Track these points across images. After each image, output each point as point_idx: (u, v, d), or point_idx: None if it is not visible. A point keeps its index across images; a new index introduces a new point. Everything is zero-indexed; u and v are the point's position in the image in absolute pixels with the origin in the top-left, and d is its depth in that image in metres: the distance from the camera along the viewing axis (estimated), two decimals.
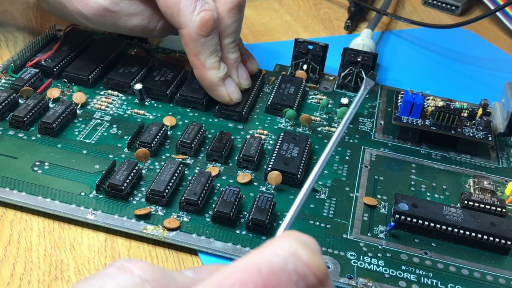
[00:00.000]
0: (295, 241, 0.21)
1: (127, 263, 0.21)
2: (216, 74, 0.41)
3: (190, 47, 0.41)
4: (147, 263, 0.21)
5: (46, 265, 0.32)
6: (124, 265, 0.21)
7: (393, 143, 0.44)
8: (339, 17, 0.62)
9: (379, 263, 0.34)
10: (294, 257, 0.20)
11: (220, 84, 0.42)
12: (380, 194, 0.38)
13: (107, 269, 0.21)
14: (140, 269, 0.21)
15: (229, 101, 0.43)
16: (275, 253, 0.20)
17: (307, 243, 0.21)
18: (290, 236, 0.22)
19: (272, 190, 0.38)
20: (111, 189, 0.35)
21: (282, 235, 0.22)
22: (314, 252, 0.21)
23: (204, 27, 0.39)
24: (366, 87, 0.34)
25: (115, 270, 0.21)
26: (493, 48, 0.60)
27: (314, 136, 0.43)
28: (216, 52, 0.41)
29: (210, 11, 0.40)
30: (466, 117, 0.44)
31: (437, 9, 0.66)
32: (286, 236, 0.22)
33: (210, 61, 0.41)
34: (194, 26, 0.39)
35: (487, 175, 0.41)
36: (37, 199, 0.35)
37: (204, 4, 0.40)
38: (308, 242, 0.22)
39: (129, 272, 0.20)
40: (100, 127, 0.41)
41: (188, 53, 0.41)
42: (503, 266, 0.34)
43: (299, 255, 0.20)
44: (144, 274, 0.20)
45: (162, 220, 0.34)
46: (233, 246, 0.33)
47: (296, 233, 0.22)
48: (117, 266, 0.21)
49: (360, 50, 0.49)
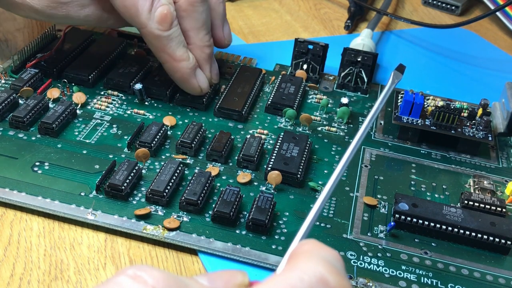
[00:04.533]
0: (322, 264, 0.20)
1: (140, 271, 0.20)
2: (187, 65, 0.42)
3: (155, 44, 0.41)
4: (159, 270, 0.20)
5: (46, 265, 0.32)
6: (137, 274, 0.20)
7: (393, 143, 0.44)
8: (339, 17, 0.62)
9: (379, 263, 0.33)
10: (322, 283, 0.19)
11: (191, 75, 0.42)
12: (380, 194, 0.38)
13: (118, 277, 0.20)
14: (153, 279, 0.19)
15: (200, 92, 0.43)
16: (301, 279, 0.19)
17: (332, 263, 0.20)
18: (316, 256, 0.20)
19: (272, 190, 0.38)
20: (111, 189, 0.35)
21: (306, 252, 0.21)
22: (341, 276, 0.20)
23: (163, 21, 0.40)
24: (394, 81, 0.31)
25: (127, 279, 0.20)
26: (493, 48, 0.60)
27: (314, 135, 0.43)
28: (182, 43, 0.41)
29: (166, 5, 0.40)
30: (466, 117, 0.44)
31: (437, 9, 0.66)
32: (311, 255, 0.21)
33: (178, 52, 0.41)
34: (154, 23, 0.40)
35: (487, 175, 0.41)
36: (37, 199, 0.35)
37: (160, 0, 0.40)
38: (333, 260, 0.21)
39: (142, 282, 0.19)
40: (100, 127, 0.41)
41: (155, 51, 0.41)
42: (503, 266, 0.34)
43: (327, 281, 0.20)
44: (158, 284, 0.19)
45: (162, 220, 0.34)
46: (233, 246, 0.33)
47: (320, 248, 0.21)
48: (129, 275, 0.20)
49: (360, 50, 0.49)
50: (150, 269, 0.20)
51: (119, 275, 0.20)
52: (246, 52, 0.53)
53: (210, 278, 0.21)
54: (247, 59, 0.51)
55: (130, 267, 0.20)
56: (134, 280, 0.19)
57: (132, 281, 0.19)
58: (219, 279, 0.21)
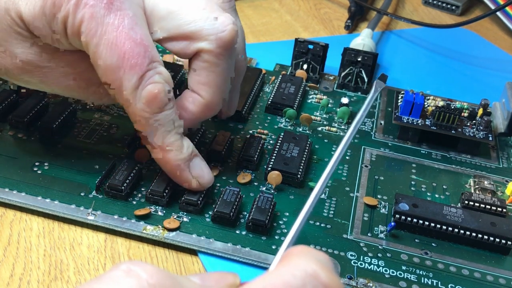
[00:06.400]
0: (313, 261, 0.20)
1: (134, 266, 0.20)
2: (178, 156, 0.33)
3: (140, 127, 0.32)
4: (153, 266, 0.20)
5: (46, 265, 0.32)
6: (131, 268, 0.20)
7: (394, 143, 0.44)
8: (339, 17, 0.62)
9: (379, 263, 0.33)
10: (313, 278, 0.20)
11: (184, 169, 0.34)
12: (380, 194, 0.38)
13: (112, 272, 0.20)
14: (147, 273, 0.20)
15: (197, 186, 0.34)
16: (293, 275, 0.20)
17: (323, 262, 0.21)
18: (307, 255, 0.21)
19: (272, 190, 0.38)
20: (111, 189, 0.35)
21: (297, 252, 0.21)
22: (332, 273, 0.20)
23: (152, 103, 0.31)
24: (376, 89, 0.32)
25: (121, 273, 0.20)
26: (494, 48, 0.60)
27: (314, 136, 0.43)
28: (175, 129, 0.33)
29: (158, 83, 0.31)
30: (466, 117, 0.44)
31: (437, 9, 0.66)
32: (302, 254, 0.21)
33: (167, 140, 0.33)
34: (140, 103, 0.31)
35: (488, 175, 0.41)
36: (36, 199, 0.35)
37: (154, 75, 0.31)
38: (323, 260, 0.21)
39: (135, 276, 0.20)
40: (100, 127, 0.41)
41: (139, 134, 0.33)
42: (504, 266, 0.34)
43: (318, 276, 0.20)
44: (152, 279, 0.19)
45: (162, 220, 0.34)
46: (233, 246, 0.33)
47: (311, 250, 0.22)
48: (123, 269, 0.20)
49: (360, 50, 0.49)
50: (144, 264, 0.20)
51: (113, 270, 0.20)
52: (246, 52, 0.52)
53: (201, 277, 0.22)
54: (247, 59, 0.51)
55: (123, 262, 0.20)
56: (127, 275, 0.20)
57: (125, 275, 0.20)
58: (210, 279, 0.22)
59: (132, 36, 0.30)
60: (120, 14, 0.30)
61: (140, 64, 0.30)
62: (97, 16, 0.30)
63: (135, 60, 0.30)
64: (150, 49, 0.31)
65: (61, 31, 0.31)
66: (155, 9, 0.33)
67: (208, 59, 0.33)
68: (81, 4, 0.30)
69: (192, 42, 0.33)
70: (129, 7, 0.31)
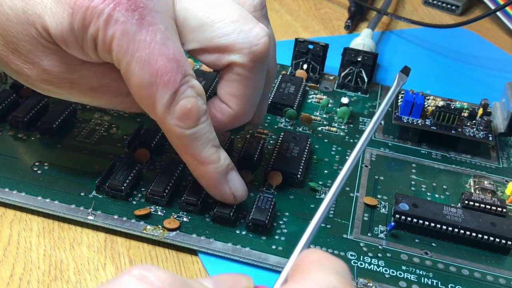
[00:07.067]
0: (333, 275, 0.20)
1: (146, 272, 0.19)
2: (216, 169, 0.33)
3: (175, 143, 0.32)
4: (166, 272, 0.19)
5: (46, 265, 0.32)
6: (143, 274, 0.19)
7: (394, 143, 0.44)
8: (339, 17, 0.62)
9: (379, 263, 0.33)
10: None
11: (222, 181, 0.33)
12: (380, 194, 0.38)
13: (124, 277, 0.19)
14: (160, 280, 0.19)
15: (233, 201, 0.34)
16: None
17: (342, 274, 0.20)
18: (325, 266, 0.20)
19: (272, 190, 0.38)
20: (110, 189, 0.35)
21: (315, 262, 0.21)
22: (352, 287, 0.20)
23: (186, 118, 0.31)
24: (399, 83, 0.31)
25: (133, 279, 0.19)
26: (494, 48, 0.60)
27: (314, 135, 0.43)
28: (211, 141, 0.32)
29: (191, 97, 0.30)
30: (466, 117, 0.44)
31: (437, 9, 0.66)
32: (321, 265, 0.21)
33: (204, 154, 0.32)
34: (173, 119, 0.31)
35: (488, 175, 0.41)
36: (36, 199, 0.35)
37: (186, 90, 0.30)
38: (342, 271, 0.21)
39: (148, 283, 0.19)
40: (100, 127, 0.41)
41: (176, 150, 0.33)
42: (504, 266, 0.34)
43: None
44: (164, 286, 0.19)
45: (162, 220, 0.34)
46: (233, 246, 0.33)
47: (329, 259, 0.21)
48: (135, 275, 0.19)
49: (360, 50, 0.49)
50: (156, 270, 0.19)
51: (124, 275, 0.19)
52: None
53: (215, 281, 0.21)
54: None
55: (135, 267, 0.20)
56: (140, 281, 0.19)
57: (138, 281, 0.19)
58: (224, 283, 0.21)
59: (164, 52, 0.29)
60: (152, 30, 0.29)
61: (173, 81, 0.30)
62: (128, 33, 0.29)
63: (168, 77, 0.29)
64: (183, 63, 0.30)
65: (91, 47, 0.30)
66: (187, 20, 0.32)
67: (241, 72, 0.32)
68: (112, 20, 0.29)
69: (224, 54, 0.32)
70: (161, 21, 0.30)
